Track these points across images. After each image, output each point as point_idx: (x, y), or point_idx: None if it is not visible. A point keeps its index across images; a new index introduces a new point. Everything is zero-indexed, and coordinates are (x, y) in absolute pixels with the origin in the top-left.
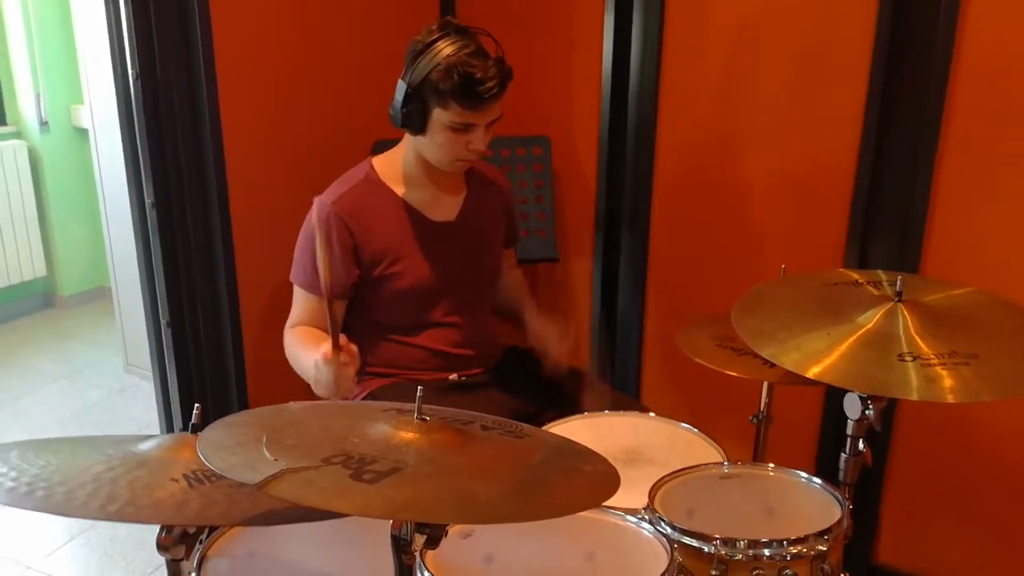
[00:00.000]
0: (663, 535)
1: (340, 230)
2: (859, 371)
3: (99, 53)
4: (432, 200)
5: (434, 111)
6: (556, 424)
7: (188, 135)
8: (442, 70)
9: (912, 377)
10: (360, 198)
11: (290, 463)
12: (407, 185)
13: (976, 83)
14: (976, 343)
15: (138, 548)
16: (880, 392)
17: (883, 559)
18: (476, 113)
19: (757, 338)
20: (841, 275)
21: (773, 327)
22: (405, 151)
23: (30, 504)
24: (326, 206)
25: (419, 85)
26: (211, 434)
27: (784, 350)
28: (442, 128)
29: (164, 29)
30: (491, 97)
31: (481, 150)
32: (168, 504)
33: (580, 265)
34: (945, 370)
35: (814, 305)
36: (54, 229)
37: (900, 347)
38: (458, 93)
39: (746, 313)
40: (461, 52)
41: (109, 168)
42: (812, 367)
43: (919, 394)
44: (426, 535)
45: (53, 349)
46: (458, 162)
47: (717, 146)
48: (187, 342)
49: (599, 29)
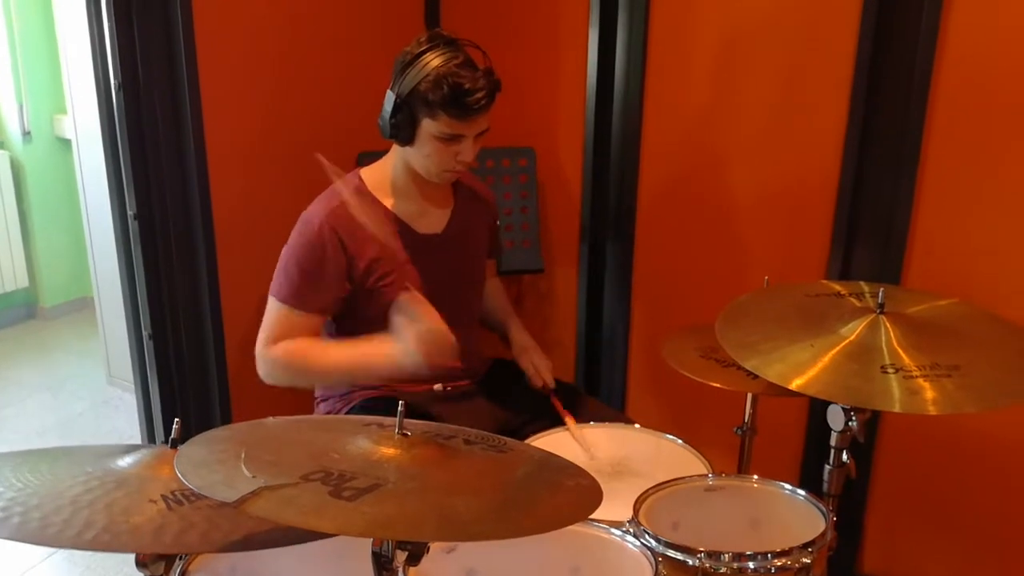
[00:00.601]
0: (648, 548)
1: (333, 244)
2: (842, 383)
3: (82, 63)
4: (420, 212)
5: (423, 122)
6: (541, 436)
7: (171, 146)
8: (431, 81)
9: (895, 389)
10: (351, 210)
11: (268, 480)
12: (395, 197)
13: (957, 95)
14: (958, 354)
15: (120, 563)
16: (863, 404)
17: (867, 569)
18: (464, 124)
19: (741, 350)
20: (824, 287)
21: (756, 339)
22: (394, 162)
23: (5, 532)
24: (318, 218)
25: (408, 96)
26: (190, 450)
27: (767, 362)
28: (430, 139)
29: (147, 40)
30: (480, 108)
31: (469, 161)
32: (146, 530)
33: (565, 276)
34: (927, 382)
35: (797, 317)
36: (36, 240)
37: (883, 359)
38: (447, 104)
39: (730, 325)
40: (450, 63)
41: (92, 179)
42: (795, 379)
43: (901, 406)
44: (407, 551)
45: (35, 360)
46: (446, 173)
47: (701, 157)
48: (169, 354)
49: (584, 41)
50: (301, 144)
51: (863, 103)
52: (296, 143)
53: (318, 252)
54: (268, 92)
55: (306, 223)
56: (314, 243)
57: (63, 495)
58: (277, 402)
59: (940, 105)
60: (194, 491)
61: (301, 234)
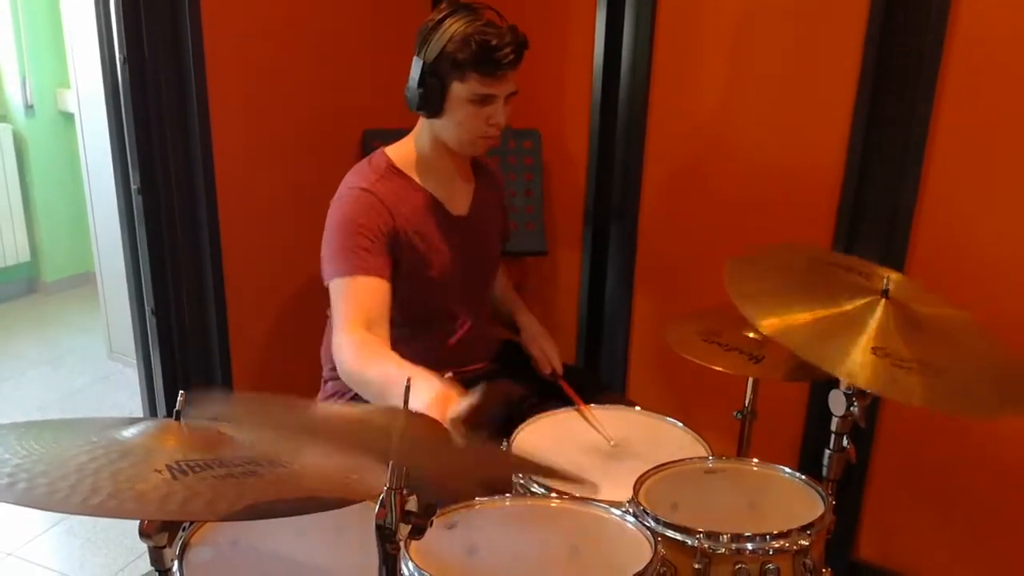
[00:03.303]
0: (647, 528)
1: (382, 214)
2: (835, 355)
3: (86, 37)
4: (449, 192)
5: (452, 86)
6: (542, 417)
7: (175, 120)
8: (458, 40)
9: (889, 374)
10: (391, 187)
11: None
12: (426, 175)
13: (966, 82)
14: (946, 358)
15: (121, 535)
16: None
17: (864, 554)
18: (495, 82)
19: (742, 300)
20: (840, 258)
21: (760, 290)
22: (419, 140)
23: (11, 497)
24: (360, 185)
25: (435, 61)
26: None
27: (768, 320)
28: (461, 103)
29: (152, 13)
30: (509, 63)
31: (503, 124)
32: (151, 497)
33: (569, 259)
34: (917, 376)
35: (805, 279)
36: (38, 214)
37: (873, 340)
38: (476, 62)
39: (738, 274)
40: (475, 22)
41: (95, 153)
42: (791, 342)
43: (883, 389)
44: (411, 525)
45: (36, 335)
46: (480, 139)
47: (707, 141)
48: (172, 329)
49: (591, 22)
50: (306, 119)
51: (871, 88)
52: (301, 118)
53: (369, 213)
54: (273, 68)
55: (345, 194)
56: (362, 205)
57: (68, 463)
58: (280, 378)
59: (949, 90)
60: (199, 462)
61: (344, 204)
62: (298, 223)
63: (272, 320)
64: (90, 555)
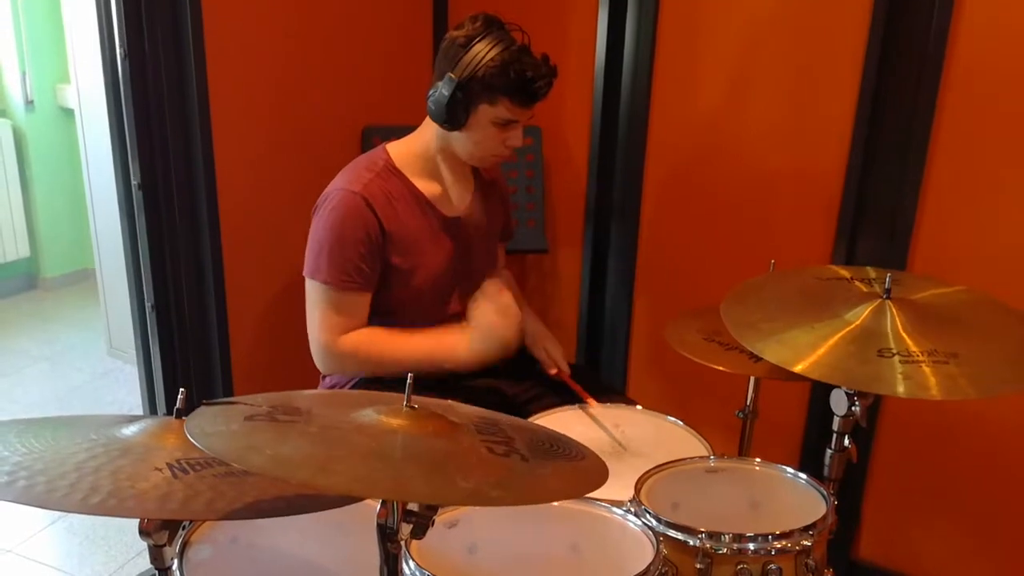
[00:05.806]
0: (648, 528)
1: (370, 220)
2: (844, 367)
3: (87, 32)
4: (445, 194)
5: (480, 107)
6: (544, 415)
7: (176, 115)
8: (496, 66)
9: (895, 373)
10: (384, 187)
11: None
12: (424, 176)
13: (968, 83)
14: (959, 342)
15: (120, 532)
16: (864, 388)
17: (864, 554)
18: (524, 110)
19: (744, 330)
20: (831, 271)
21: (758, 319)
22: (426, 144)
23: (11, 495)
24: (351, 188)
25: (468, 80)
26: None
27: (769, 344)
28: (485, 124)
29: (153, 8)
30: (542, 95)
31: (518, 146)
32: (151, 496)
33: (569, 256)
34: (927, 368)
35: (802, 300)
36: (38, 210)
37: (886, 343)
38: (512, 90)
39: (735, 305)
40: (512, 48)
41: (95, 148)
42: (797, 363)
43: (905, 390)
44: (412, 524)
45: (36, 331)
46: (492, 158)
47: (708, 141)
48: (172, 325)
49: (593, 20)
50: (306, 115)
51: (873, 88)
52: (301, 114)
53: (357, 222)
54: (274, 64)
55: (336, 196)
56: (352, 212)
57: (67, 461)
58: (280, 375)
59: (951, 91)
60: (199, 461)
61: (334, 208)
62: (298, 218)
63: (272, 316)
64: (89, 553)
